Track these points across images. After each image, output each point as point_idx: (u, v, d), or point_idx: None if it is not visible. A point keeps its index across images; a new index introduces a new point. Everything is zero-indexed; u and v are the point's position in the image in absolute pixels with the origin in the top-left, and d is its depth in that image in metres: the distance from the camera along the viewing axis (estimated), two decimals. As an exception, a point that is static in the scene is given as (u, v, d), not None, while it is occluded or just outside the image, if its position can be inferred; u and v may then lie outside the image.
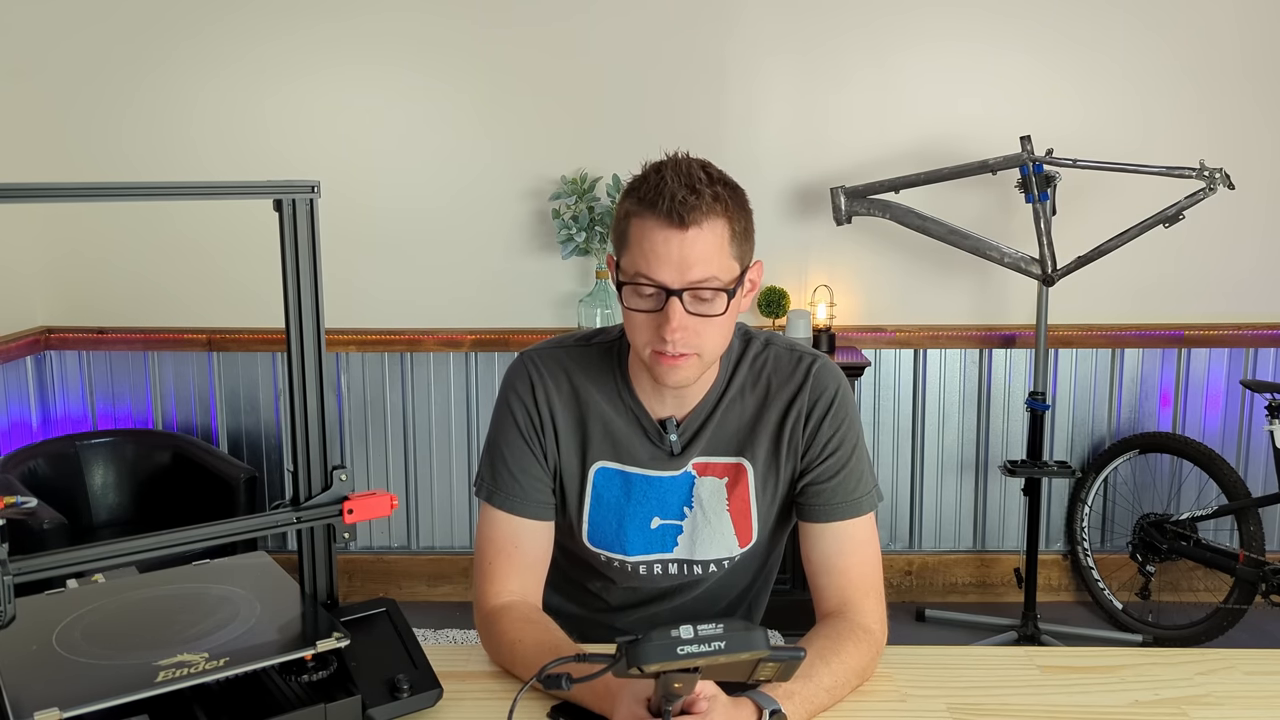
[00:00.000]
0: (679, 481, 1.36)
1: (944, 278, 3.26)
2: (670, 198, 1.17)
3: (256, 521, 1.11)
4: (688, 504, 1.36)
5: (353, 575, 3.39)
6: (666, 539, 1.37)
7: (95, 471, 3.07)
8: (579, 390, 1.36)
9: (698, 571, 1.38)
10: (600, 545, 1.38)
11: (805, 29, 3.17)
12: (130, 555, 1.04)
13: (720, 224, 1.20)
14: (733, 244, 1.21)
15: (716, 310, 1.21)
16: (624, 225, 1.24)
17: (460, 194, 3.27)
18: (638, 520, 1.36)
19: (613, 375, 1.36)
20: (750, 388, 1.36)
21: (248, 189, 1.08)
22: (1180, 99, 3.17)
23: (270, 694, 1.05)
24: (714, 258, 1.19)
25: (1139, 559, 3.15)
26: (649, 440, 1.35)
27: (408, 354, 3.35)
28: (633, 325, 1.25)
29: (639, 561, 1.38)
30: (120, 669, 1.00)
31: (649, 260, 1.19)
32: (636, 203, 1.21)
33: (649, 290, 1.20)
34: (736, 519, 1.36)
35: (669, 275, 1.18)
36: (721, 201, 1.20)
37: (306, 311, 1.11)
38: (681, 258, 1.18)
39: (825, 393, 1.34)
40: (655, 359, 1.23)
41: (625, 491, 1.36)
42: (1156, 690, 1.19)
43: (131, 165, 3.23)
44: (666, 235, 1.18)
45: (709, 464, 1.35)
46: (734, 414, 1.35)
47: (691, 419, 1.34)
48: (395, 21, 3.18)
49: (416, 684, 1.10)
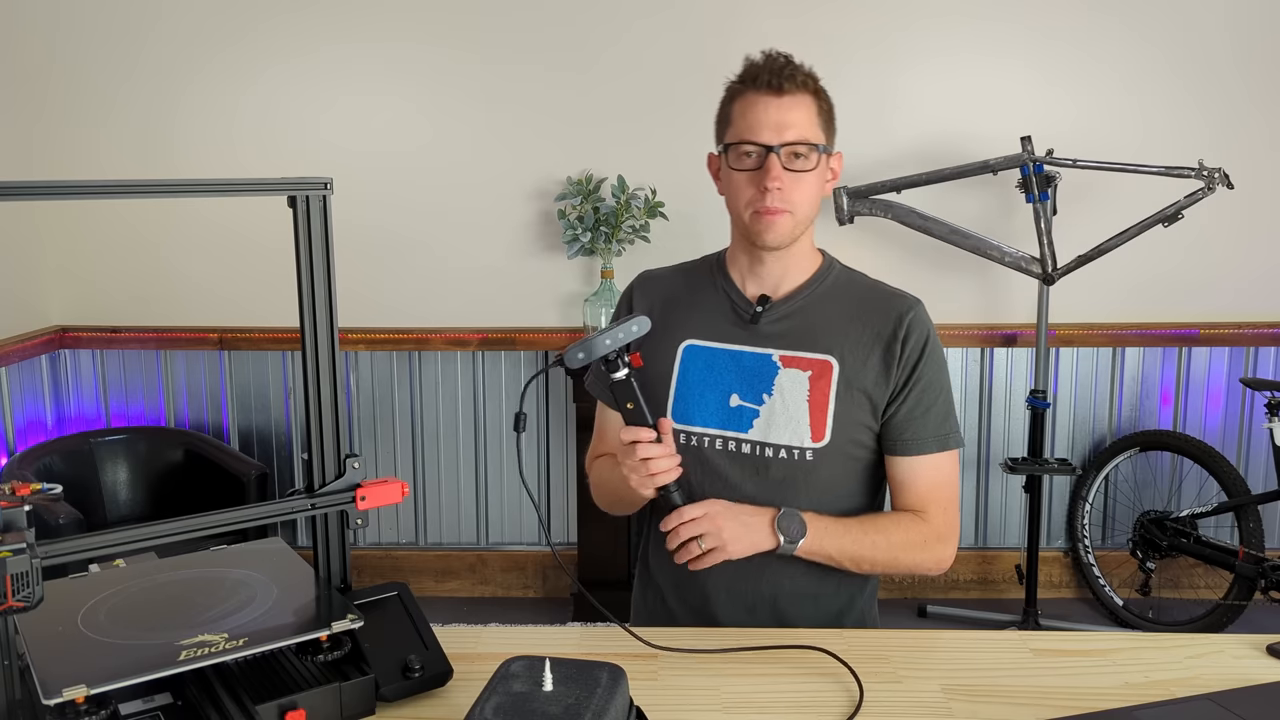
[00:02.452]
0: (762, 363, 1.44)
1: (945, 277, 3.29)
2: (768, 70, 1.39)
3: (273, 507, 1.15)
4: (768, 391, 1.43)
5: (362, 570, 3.43)
6: (743, 419, 1.43)
7: (109, 468, 3.12)
8: (677, 286, 1.54)
9: (769, 455, 1.42)
10: (682, 420, 1.45)
11: (807, 30, 3.20)
12: (151, 540, 1.08)
13: (809, 99, 1.41)
14: (820, 118, 1.42)
15: (809, 166, 1.40)
16: (727, 108, 1.45)
17: (467, 195, 3.31)
18: (718, 393, 1.45)
19: (709, 267, 1.54)
20: (844, 294, 1.49)
21: (262, 186, 1.12)
22: (1180, 99, 3.20)
23: (287, 673, 1.09)
24: (805, 123, 1.39)
25: (1139, 555, 3.17)
26: (736, 313, 1.48)
27: (415, 353, 3.39)
28: (734, 188, 1.42)
29: (715, 435, 1.44)
30: (144, 648, 1.04)
31: (750, 125, 1.39)
32: (739, 83, 1.43)
33: (751, 150, 1.39)
34: (814, 411, 1.42)
35: (768, 135, 1.38)
36: (812, 80, 1.42)
37: (320, 303, 1.14)
38: (779, 120, 1.38)
39: (924, 329, 1.46)
40: (755, 218, 1.41)
41: (710, 365, 1.46)
42: (1147, 673, 1.21)
43: (133, 169, 3.28)
44: (765, 102, 1.39)
45: (795, 358, 1.43)
46: (826, 312, 1.46)
47: (783, 301, 1.47)
48: (403, 24, 3.22)
49: (428, 665, 1.14)
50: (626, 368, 1.28)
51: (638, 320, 1.27)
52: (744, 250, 1.48)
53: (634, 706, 1.01)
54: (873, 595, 1.54)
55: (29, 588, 0.94)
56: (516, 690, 0.95)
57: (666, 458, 1.32)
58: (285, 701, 1.04)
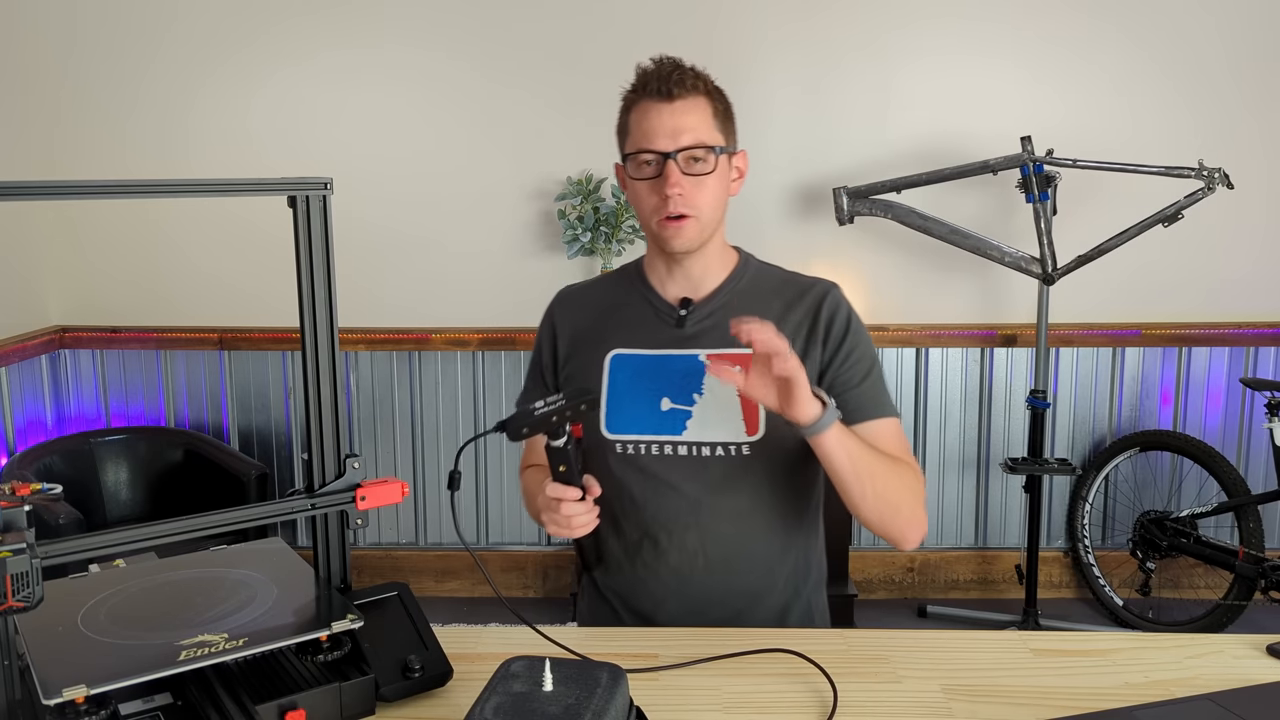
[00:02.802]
0: (689, 364, 1.44)
1: (945, 277, 3.29)
2: (658, 77, 1.39)
3: (274, 507, 1.15)
4: (698, 391, 1.43)
5: (361, 570, 3.43)
6: (676, 422, 1.43)
7: (109, 468, 3.12)
8: (597, 299, 1.55)
9: (705, 454, 1.42)
10: (615, 430, 1.45)
11: (808, 31, 3.20)
12: (151, 540, 1.08)
13: (703, 100, 1.40)
14: (716, 119, 1.41)
15: (708, 169, 1.39)
16: (624, 119, 1.45)
17: (467, 195, 3.31)
18: (649, 399, 1.45)
19: (629, 275, 1.55)
20: (763, 287, 1.49)
21: (262, 186, 1.12)
22: (1181, 99, 3.20)
23: (287, 673, 1.09)
24: (700, 126, 1.39)
25: (1139, 556, 3.18)
26: (660, 319, 1.48)
27: (415, 353, 3.39)
28: (638, 197, 1.43)
29: (650, 441, 1.44)
30: (143, 648, 1.04)
31: (645, 133, 1.39)
32: (631, 93, 1.43)
33: (648, 159, 1.39)
34: (746, 405, 1.42)
35: (663, 141, 1.38)
36: (703, 80, 1.41)
37: (320, 302, 1.15)
38: (673, 125, 1.38)
39: (843, 308, 1.48)
40: (661, 226, 1.41)
41: (638, 372, 1.47)
42: (1146, 673, 1.21)
43: (141, 170, 3.28)
44: (658, 108, 1.39)
45: (722, 355, 1.43)
46: (748, 306, 1.44)
47: (705, 301, 1.47)
48: (403, 25, 3.22)
49: (428, 665, 1.14)
50: (567, 436, 1.25)
51: (589, 399, 1.24)
52: (659, 256, 1.49)
53: (634, 706, 1.01)
54: (818, 586, 1.54)
55: (29, 588, 0.94)
56: (516, 690, 0.95)
57: (586, 514, 1.31)
58: (285, 701, 1.04)
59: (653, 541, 1.45)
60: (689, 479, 1.43)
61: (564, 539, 1.48)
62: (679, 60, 1.41)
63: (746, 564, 1.44)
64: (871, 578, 3.46)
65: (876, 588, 3.46)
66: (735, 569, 1.44)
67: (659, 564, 1.45)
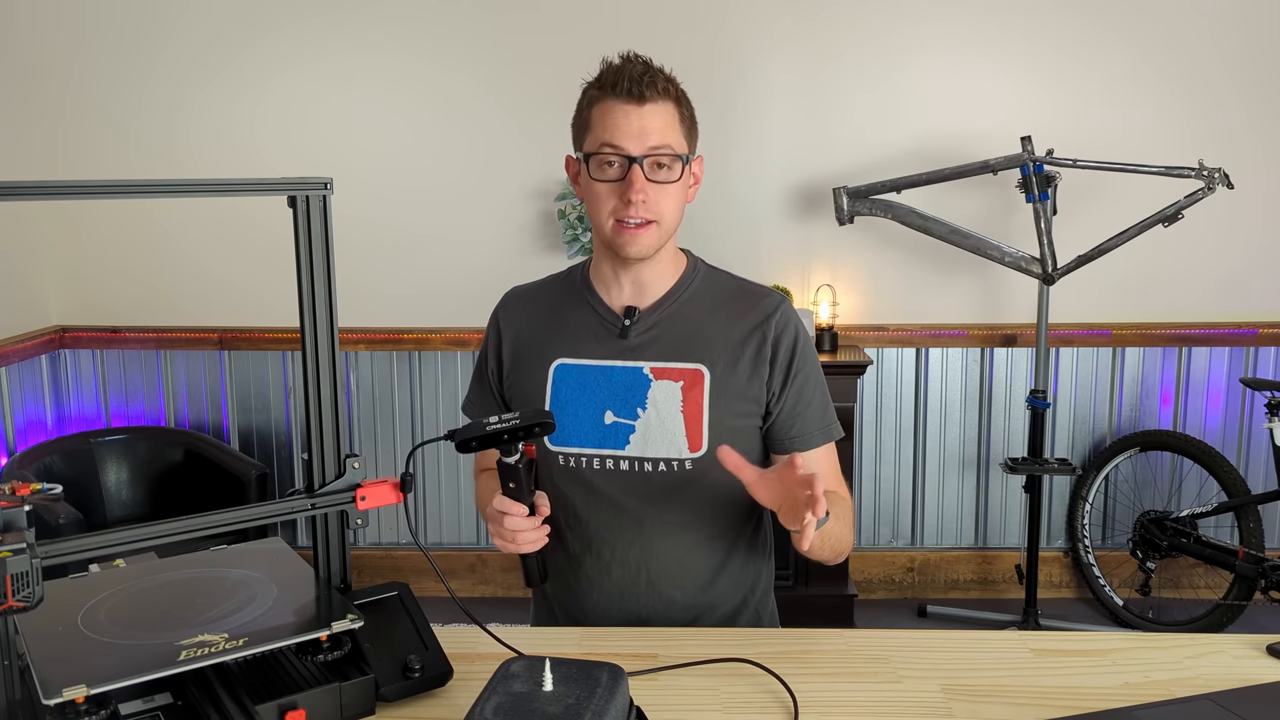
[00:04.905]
0: (634, 377, 1.42)
1: (945, 277, 3.29)
2: (629, 78, 1.35)
3: (274, 507, 1.15)
4: (641, 405, 1.42)
5: (361, 570, 3.43)
6: (619, 436, 1.42)
7: (109, 468, 3.12)
8: (544, 302, 1.51)
9: (648, 469, 1.41)
10: (558, 442, 1.43)
11: (808, 31, 3.20)
12: (151, 540, 1.08)
13: (671, 106, 1.38)
14: (682, 125, 1.39)
15: (674, 177, 1.37)
16: (586, 113, 1.41)
17: (467, 195, 3.31)
18: (592, 411, 1.43)
19: (574, 280, 1.51)
20: (710, 297, 1.46)
21: (262, 186, 1.12)
22: (1180, 99, 3.20)
23: (287, 673, 1.09)
24: (668, 132, 1.36)
25: (1139, 555, 3.18)
26: (604, 328, 1.45)
27: (415, 353, 3.39)
28: (596, 198, 1.38)
29: (592, 455, 1.42)
30: (144, 648, 1.04)
31: (612, 133, 1.35)
32: (597, 89, 1.39)
33: (613, 159, 1.36)
34: (689, 422, 1.40)
35: (631, 144, 1.35)
36: (673, 85, 1.39)
37: (320, 302, 1.15)
38: (641, 128, 1.35)
39: (793, 327, 1.44)
40: (618, 230, 1.37)
41: (581, 383, 1.44)
42: (1146, 673, 1.21)
43: (141, 171, 3.28)
44: (627, 110, 1.35)
45: (666, 369, 1.41)
46: (694, 317, 1.43)
47: (650, 311, 1.44)
48: (405, 29, 3.22)
49: (428, 665, 1.14)
50: (520, 454, 1.24)
51: (542, 424, 1.21)
52: (607, 261, 1.45)
53: (634, 706, 1.01)
54: (766, 594, 1.54)
55: (29, 588, 0.94)
56: (516, 690, 0.95)
57: (533, 530, 1.30)
58: (285, 701, 1.04)
59: (595, 555, 1.46)
60: (631, 493, 1.42)
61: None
62: (649, 61, 1.38)
63: (690, 578, 1.44)
64: (871, 578, 3.46)
65: (876, 588, 3.46)
66: (678, 583, 1.44)
67: (602, 577, 1.45)
